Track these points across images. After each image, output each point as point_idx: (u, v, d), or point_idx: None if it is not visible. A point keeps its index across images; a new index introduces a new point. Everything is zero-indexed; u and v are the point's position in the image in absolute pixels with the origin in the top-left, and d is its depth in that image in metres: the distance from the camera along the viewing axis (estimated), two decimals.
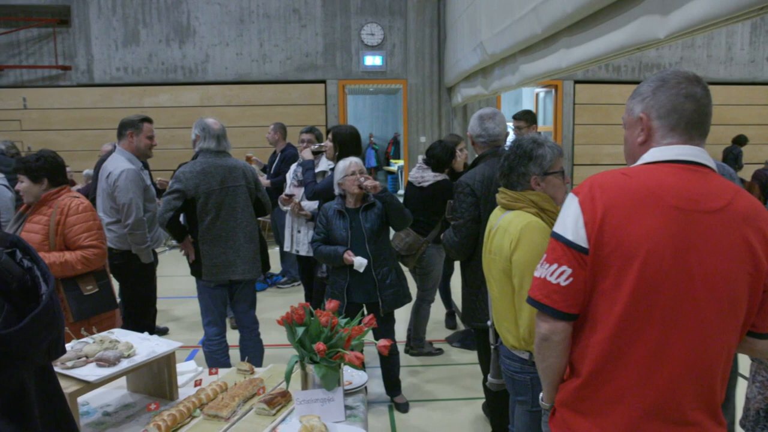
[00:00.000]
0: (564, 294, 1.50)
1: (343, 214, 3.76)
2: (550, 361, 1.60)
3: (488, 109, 3.39)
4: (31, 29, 10.22)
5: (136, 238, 4.00)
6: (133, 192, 3.95)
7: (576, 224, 1.48)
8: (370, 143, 18.37)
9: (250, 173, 3.98)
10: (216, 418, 2.10)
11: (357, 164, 3.76)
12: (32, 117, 10.12)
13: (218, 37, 10.22)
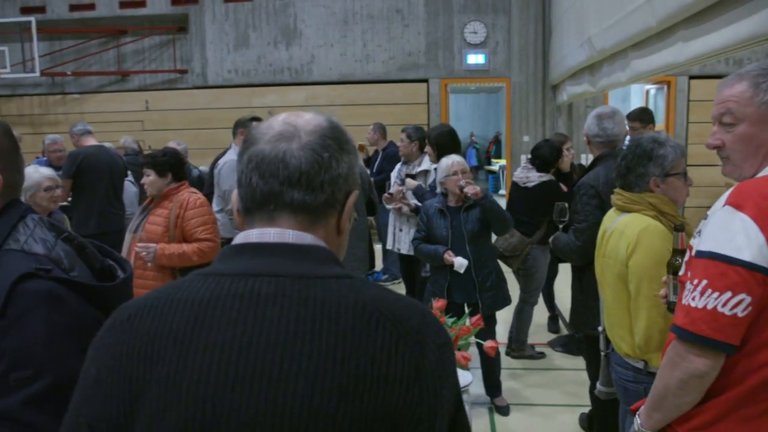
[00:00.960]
0: (740, 327, 1.32)
1: (444, 213, 3.75)
2: (692, 398, 1.42)
3: (607, 107, 3.27)
4: (154, 37, 10.92)
5: (234, 224, 4.25)
6: (232, 181, 4.19)
7: (752, 243, 1.30)
8: (471, 142, 18.22)
9: (365, 174, 4.09)
10: None
11: (460, 164, 3.72)
12: (153, 118, 10.81)
13: (323, 38, 10.48)
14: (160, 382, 0.81)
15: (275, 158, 0.91)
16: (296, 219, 0.92)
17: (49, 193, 3.52)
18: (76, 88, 11.14)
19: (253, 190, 0.92)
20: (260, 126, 0.97)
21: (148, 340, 0.84)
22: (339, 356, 0.81)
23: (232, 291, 0.85)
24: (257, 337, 0.82)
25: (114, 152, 5.82)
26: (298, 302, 0.84)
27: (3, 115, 11.16)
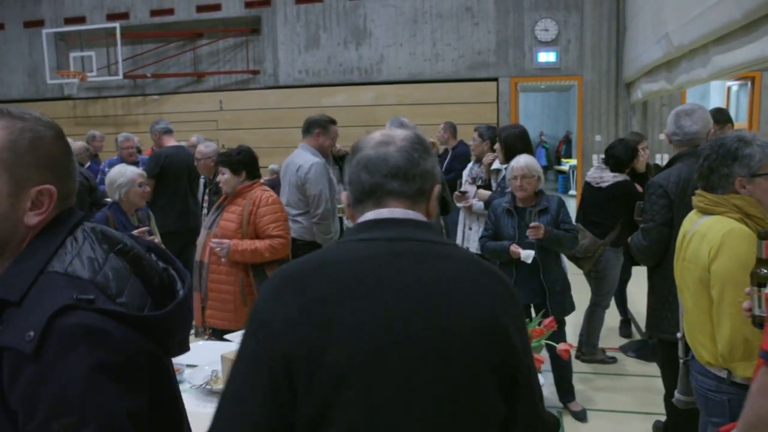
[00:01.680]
0: None
1: (511, 213, 3.70)
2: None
3: (688, 105, 3.15)
4: (228, 39, 11.26)
5: (322, 228, 4.23)
6: (322, 184, 4.19)
7: None
8: (541, 142, 17.88)
9: (441, 174, 4.08)
10: None
11: (521, 169, 3.64)
12: (226, 118, 11.15)
13: (392, 38, 10.52)
14: (351, 316, 1.06)
15: (378, 158, 1.20)
16: (398, 202, 1.20)
17: (141, 189, 3.71)
18: (155, 89, 11.62)
19: (363, 184, 1.21)
20: (363, 139, 1.27)
21: (331, 288, 1.08)
22: (481, 293, 1.13)
23: (390, 250, 1.13)
24: (424, 280, 1.10)
25: (191, 151, 6.03)
26: (441, 257, 1.15)
27: (89, 116, 11.77)
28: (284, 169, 4.47)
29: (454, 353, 1.08)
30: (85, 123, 11.41)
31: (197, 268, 3.57)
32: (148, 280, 1.18)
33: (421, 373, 1.06)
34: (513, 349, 1.13)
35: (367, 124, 10.39)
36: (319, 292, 1.08)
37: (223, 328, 3.39)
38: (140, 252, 1.19)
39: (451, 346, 1.08)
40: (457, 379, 1.08)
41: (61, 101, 11.81)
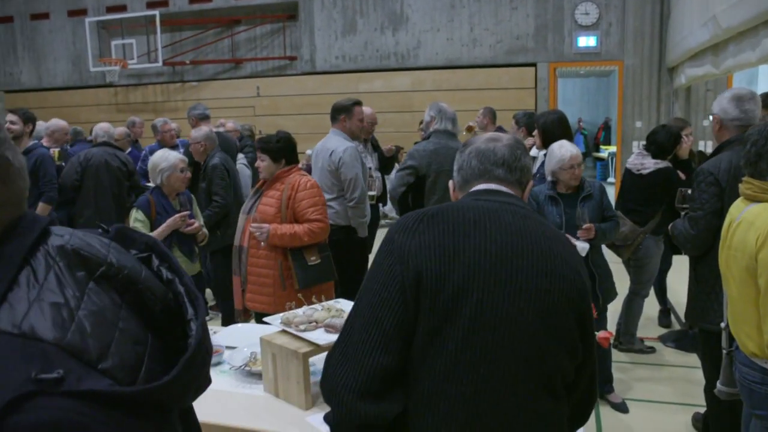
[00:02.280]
0: None
1: (556, 201, 3.61)
2: None
3: (743, 89, 3.02)
4: (265, 25, 11.32)
5: (357, 212, 4.24)
6: (357, 168, 4.21)
7: None
8: (579, 128, 17.57)
9: None
10: None
11: (576, 157, 3.53)
12: (264, 104, 11.24)
13: (430, 23, 10.44)
14: (472, 248, 1.31)
15: (487, 150, 1.50)
16: (501, 184, 1.48)
17: (183, 174, 3.77)
18: (194, 76, 11.77)
19: (473, 169, 1.50)
20: (473, 138, 1.57)
21: (457, 225, 1.33)
22: (570, 253, 1.41)
23: (502, 207, 1.39)
24: (529, 231, 1.36)
25: (229, 136, 6.09)
26: (540, 221, 1.43)
27: (129, 102, 11.99)
28: (315, 154, 4.48)
29: (551, 291, 1.32)
30: (125, 109, 11.64)
31: (237, 252, 3.62)
32: (147, 310, 0.83)
33: (523, 299, 1.30)
34: (588, 308, 1.40)
35: (404, 110, 10.38)
36: (447, 227, 1.32)
37: (262, 311, 3.44)
38: (133, 271, 0.83)
39: (549, 285, 1.32)
40: (551, 310, 1.32)
41: (103, 88, 12.07)
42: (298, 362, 2.11)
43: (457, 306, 1.27)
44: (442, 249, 1.29)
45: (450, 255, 1.29)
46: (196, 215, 3.98)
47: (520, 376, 1.30)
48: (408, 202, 4.04)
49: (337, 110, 4.43)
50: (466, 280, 1.27)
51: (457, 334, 1.26)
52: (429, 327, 1.27)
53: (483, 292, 1.28)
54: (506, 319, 1.28)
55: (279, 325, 2.29)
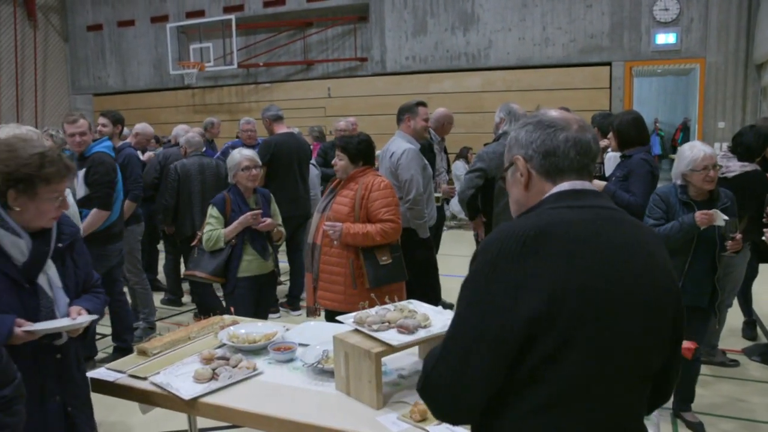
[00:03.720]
0: None
1: (690, 207, 3.34)
2: None
3: None
4: (337, 27, 11.47)
5: (415, 213, 4.25)
6: (414, 169, 4.21)
7: None
8: (655, 129, 16.98)
9: None
10: None
11: (709, 158, 3.28)
12: (334, 104, 11.39)
13: (501, 22, 10.31)
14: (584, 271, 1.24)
15: (584, 141, 1.39)
16: (587, 178, 1.41)
17: (246, 173, 3.85)
18: (267, 77, 12.06)
19: (571, 161, 1.38)
20: (557, 116, 1.41)
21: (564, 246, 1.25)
22: (662, 256, 1.38)
23: (606, 216, 1.34)
24: (628, 242, 1.32)
25: (302, 138, 6.20)
26: (630, 224, 1.37)
27: (206, 103, 12.41)
28: (381, 156, 4.54)
29: (655, 302, 1.32)
30: (202, 110, 12.04)
31: (309, 249, 3.68)
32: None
33: (635, 317, 1.28)
34: (681, 308, 1.39)
35: (474, 110, 10.29)
36: (554, 250, 1.24)
37: (333, 309, 3.48)
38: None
39: (653, 297, 1.31)
40: (658, 323, 1.33)
41: (181, 90, 12.54)
42: (370, 362, 2.11)
43: (573, 334, 1.22)
44: (554, 277, 1.22)
45: (563, 281, 1.22)
46: (274, 214, 4.06)
47: (635, 392, 1.34)
48: (477, 205, 4.01)
49: (401, 111, 4.49)
50: (581, 305, 1.22)
51: (573, 359, 1.23)
52: (542, 355, 1.23)
53: (598, 316, 1.24)
54: (620, 339, 1.27)
55: (352, 324, 2.30)
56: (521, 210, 1.45)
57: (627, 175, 4.14)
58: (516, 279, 1.22)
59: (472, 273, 1.30)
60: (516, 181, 1.45)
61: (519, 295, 1.21)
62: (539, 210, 1.35)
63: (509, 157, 1.48)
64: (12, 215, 2.01)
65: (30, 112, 12.96)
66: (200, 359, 2.49)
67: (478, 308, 1.26)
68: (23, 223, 2.02)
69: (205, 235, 3.81)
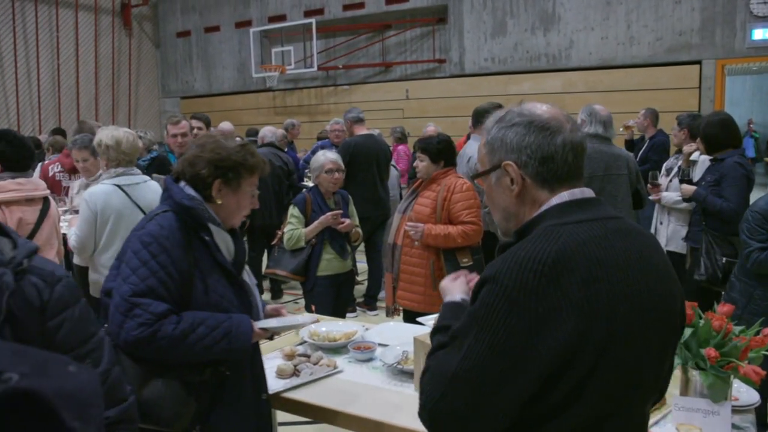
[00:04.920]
0: None
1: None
2: None
3: None
4: (415, 29, 11.51)
5: (490, 218, 4.20)
6: None
7: None
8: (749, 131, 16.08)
9: (633, 163, 3.87)
10: None
11: None
12: (412, 106, 11.42)
13: (583, 22, 10.04)
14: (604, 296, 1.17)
15: (581, 143, 1.30)
16: (582, 182, 1.32)
17: (329, 176, 3.93)
18: (345, 80, 12.23)
19: (569, 166, 1.27)
20: (548, 115, 1.28)
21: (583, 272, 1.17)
22: (666, 263, 1.32)
23: (614, 228, 1.25)
24: (642, 252, 1.26)
25: (381, 140, 6.27)
26: (634, 232, 1.28)
27: (286, 105, 12.72)
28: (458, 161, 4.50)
29: (668, 314, 1.28)
30: (282, 112, 12.35)
31: (389, 249, 3.71)
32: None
33: (652, 335, 1.24)
34: (684, 313, 1.36)
35: None
36: (574, 278, 1.15)
37: (412, 309, 3.50)
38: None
39: (666, 309, 1.27)
40: (669, 331, 1.30)
41: (263, 93, 12.90)
42: None
43: (599, 363, 1.16)
44: (578, 309, 1.14)
45: (587, 312, 1.14)
46: (351, 215, 4.12)
47: (650, 401, 1.35)
48: None
49: (480, 114, 4.42)
50: (607, 334, 1.16)
51: (598, 388, 1.18)
52: (567, 388, 1.16)
53: (624, 341, 1.19)
54: (642, 359, 1.24)
55: (432, 325, 2.30)
56: (510, 220, 1.34)
57: (719, 179, 3.96)
58: (537, 314, 1.13)
59: (486, 307, 1.17)
60: (504, 188, 1.31)
61: (542, 331, 1.13)
62: (545, 228, 1.23)
63: (491, 159, 1.32)
64: (213, 210, 1.98)
65: (124, 114, 13.68)
66: (282, 356, 2.55)
67: (497, 346, 1.15)
68: (221, 220, 2.00)
69: (286, 234, 3.91)
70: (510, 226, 1.35)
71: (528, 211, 1.29)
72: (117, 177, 3.48)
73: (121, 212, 3.44)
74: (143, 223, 1.95)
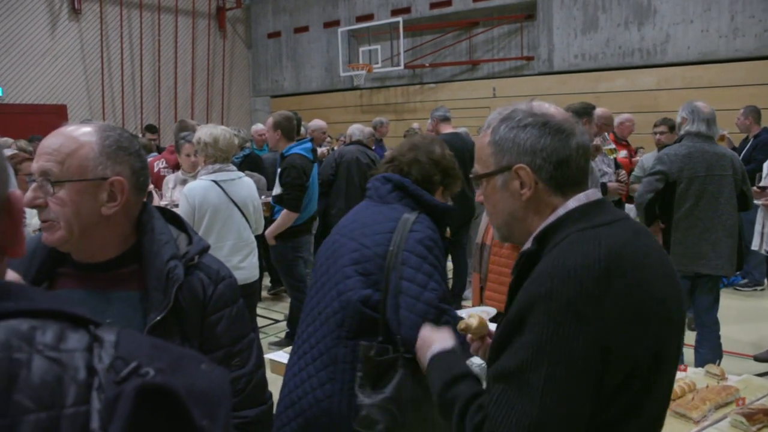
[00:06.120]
0: None
1: None
2: None
3: None
4: (503, 26, 11.35)
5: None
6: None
7: None
8: None
9: (738, 163, 3.68)
10: (684, 418, 2.02)
11: None
12: (499, 104, 10.99)
13: (681, 14, 9.58)
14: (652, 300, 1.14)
15: (588, 147, 1.27)
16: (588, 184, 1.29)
17: None
18: (432, 78, 12.23)
19: (582, 170, 1.24)
20: (560, 117, 1.23)
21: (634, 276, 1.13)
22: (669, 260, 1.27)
23: (634, 229, 1.21)
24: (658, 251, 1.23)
25: (468, 138, 6.23)
26: (640, 232, 1.22)
27: (372, 104, 12.85)
28: None
29: (681, 314, 1.23)
30: (369, 111, 12.50)
31: (478, 249, 3.69)
32: None
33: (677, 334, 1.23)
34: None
35: (647, 110, 9.67)
36: (628, 282, 1.11)
37: (500, 310, 3.46)
38: None
39: (681, 310, 1.22)
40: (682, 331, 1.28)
41: (350, 91, 13.10)
42: None
43: (657, 374, 1.15)
44: (633, 314, 1.10)
45: (641, 317, 1.11)
46: None
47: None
48: (654, 210, 3.79)
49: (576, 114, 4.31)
50: (659, 338, 1.14)
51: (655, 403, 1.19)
52: (625, 402, 1.12)
53: (671, 343, 1.20)
54: (673, 362, 1.24)
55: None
56: (513, 226, 1.27)
57: None
58: (605, 322, 1.07)
59: (550, 329, 1.07)
60: (512, 192, 1.23)
61: (609, 341, 1.07)
62: (575, 232, 1.16)
63: (498, 161, 1.24)
64: None
65: (217, 113, 14.27)
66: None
67: (577, 367, 1.07)
68: None
69: None
70: (513, 233, 1.29)
71: (535, 216, 1.22)
72: (214, 173, 3.64)
73: (217, 207, 3.60)
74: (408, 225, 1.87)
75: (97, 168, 1.27)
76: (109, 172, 1.28)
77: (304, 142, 4.81)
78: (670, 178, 3.62)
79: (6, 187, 0.66)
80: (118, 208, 1.29)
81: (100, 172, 1.27)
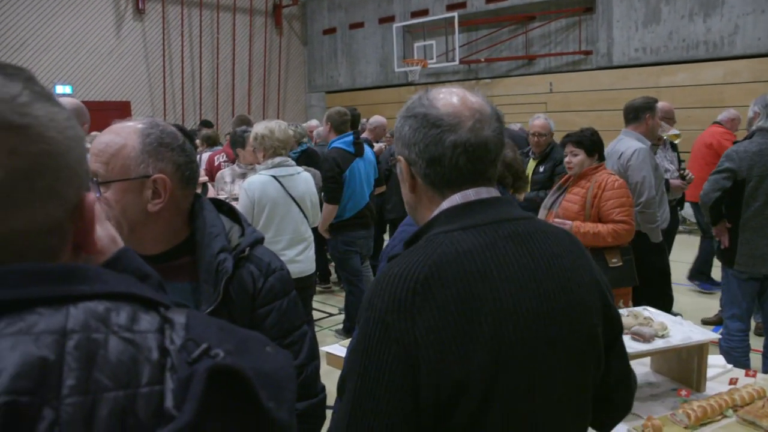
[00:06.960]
0: None
1: None
2: None
3: None
4: (560, 20, 11.13)
5: (646, 217, 3.98)
6: (646, 170, 3.94)
7: None
8: None
9: None
10: (752, 425, 1.95)
11: None
12: (555, 100, 11.08)
13: (752, 4, 9.19)
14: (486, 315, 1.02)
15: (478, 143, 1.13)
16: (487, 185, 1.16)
17: None
18: (487, 73, 12.11)
19: (460, 170, 1.13)
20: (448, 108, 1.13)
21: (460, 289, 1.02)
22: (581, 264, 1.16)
23: (507, 233, 1.10)
24: (542, 258, 1.10)
25: (516, 133, 6.16)
26: (538, 234, 1.13)
27: None
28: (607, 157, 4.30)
29: (573, 324, 1.11)
30: None
31: None
32: None
33: (557, 351, 1.09)
34: (611, 308, 1.19)
35: (712, 105, 9.33)
36: (449, 296, 1.01)
37: None
38: None
39: (575, 319, 1.11)
40: (583, 343, 1.12)
41: (404, 87, 13.10)
42: None
43: (492, 389, 1.01)
44: (452, 331, 0.99)
45: (463, 336, 0.99)
46: None
47: (568, 421, 1.14)
48: (721, 209, 3.65)
49: (640, 110, 4.18)
50: (491, 358, 1.00)
51: (501, 414, 1.03)
52: (467, 414, 1.02)
53: (513, 364, 1.03)
54: (541, 377, 1.07)
55: None
56: (411, 212, 1.23)
57: None
58: (411, 340, 0.99)
59: (363, 338, 1.03)
60: (402, 180, 1.20)
61: (419, 360, 0.98)
62: (429, 237, 1.09)
63: (397, 148, 1.20)
64: None
65: (273, 108, 14.50)
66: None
67: (375, 383, 1.01)
68: None
69: None
70: (417, 219, 1.23)
71: (424, 208, 1.18)
72: (273, 168, 3.71)
73: (276, 201, 3.66)
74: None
75: (139, 166, 1.29)
76: (151, 169, 1.29)
77: (345, 136, 4.83)
78: (739, 176, 3.49)
79: (79, 189, 0.66)
80: (162, 204, 1.30)
81: (142, 171, 1.29)
